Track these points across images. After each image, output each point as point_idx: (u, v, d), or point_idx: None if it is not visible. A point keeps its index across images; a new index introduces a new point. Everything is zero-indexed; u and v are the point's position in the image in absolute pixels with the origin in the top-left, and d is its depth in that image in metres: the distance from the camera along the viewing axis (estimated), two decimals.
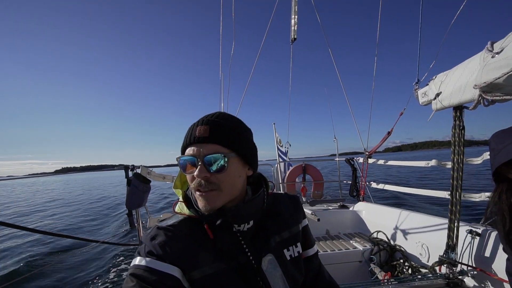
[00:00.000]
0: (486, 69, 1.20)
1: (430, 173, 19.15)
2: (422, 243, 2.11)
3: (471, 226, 1.77)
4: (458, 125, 1.67)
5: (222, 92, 4.21)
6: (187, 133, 0.68)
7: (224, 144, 0.64)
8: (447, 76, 1.64)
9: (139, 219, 2.01)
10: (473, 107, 1.42)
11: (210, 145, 0.63)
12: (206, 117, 0.68)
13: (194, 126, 0.66)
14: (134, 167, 1.97)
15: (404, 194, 9.13)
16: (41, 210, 13.31)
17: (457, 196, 1.69)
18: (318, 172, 4.98)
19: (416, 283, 1.57)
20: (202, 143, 0.63)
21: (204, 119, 0.67)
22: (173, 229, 0.66)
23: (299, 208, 0.87)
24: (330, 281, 0.85)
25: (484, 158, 2.11)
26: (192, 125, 0.68)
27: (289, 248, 0.76)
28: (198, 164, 0.62)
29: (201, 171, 0.62)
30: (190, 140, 0.65)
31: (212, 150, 0.62)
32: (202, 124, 0.65)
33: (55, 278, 4.55)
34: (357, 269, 2.38)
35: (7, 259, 5.49)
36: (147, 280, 0.56)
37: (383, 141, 3.26)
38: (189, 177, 0.65)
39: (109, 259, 5.34)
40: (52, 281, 4.44)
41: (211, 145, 0.63)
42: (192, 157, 0.63)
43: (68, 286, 4.23)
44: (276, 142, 6.20)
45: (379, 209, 2.99)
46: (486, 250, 1.63)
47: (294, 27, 4.25)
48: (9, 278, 4.31)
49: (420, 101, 1.92)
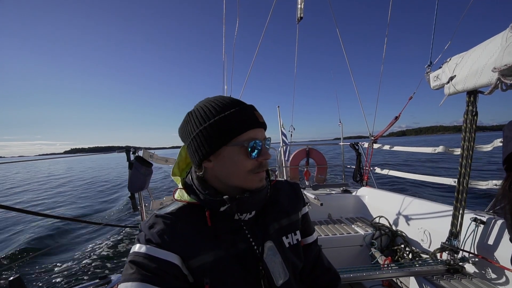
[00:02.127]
0: (509, 50, 1.12)
1: (431, 158, 18.99)
2: (424, 229, 2.11)
3: (476, 214, 1.75)
4: (471, 110, 1.59)
5: (225, 74, 4.10)
6: (241, 116, 0.63)
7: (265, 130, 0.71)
8: (463, 58, 1.55)
9: (142, 202, 2.03)
10: (489, 92, 1.34)
11: (263, 130, 0.69)
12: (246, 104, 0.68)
13: (250, 110, 0.66)
14: (136, 149, 1.96)
15: (404, 180, 9.15)
16: (45, 192, 13.69)
17: (464, 184, 1.65)
18: (322, 156, 4.95)
19: (416, 268, 1.57)
20: (262, 128, 0.67)
21: (249, 105, 0.68)
22: (172, 217, 0.65)
23: (299, 196, 0.86)
24: (329, 268, 0.85)
25: (494, 145, 2.05)
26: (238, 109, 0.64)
27: (288, 235, 0.76)
28: (264, 148, 0.67)
29: (268, 154, 0.67)
30: (254, 123, 0.65)
31: (265, 135, 0.69)
32: (255, 109, 0.68)
33: (57, 260, 4.72)
34: (358, 253, 2.42)
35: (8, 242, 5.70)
36: (147, 267, 0.56)
37: (390, 126, 3.19)
38: (252, 162, 0.65)
39: (112, 241, 5.47)
40: (55, 263, 4.61)
41: (263, 130, 0.69)
42: (260, 141, 0.65)
43: (71, 268, 4.38)
44: (280, 125, 6.13)
45: (382, 195, 2.98)
46: (490, 238, 1.61)
47: (301, 4, 4.03)
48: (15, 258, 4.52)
49: (432, 85, 1.83)
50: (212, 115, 0.63)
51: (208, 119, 0.63)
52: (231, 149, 0.63)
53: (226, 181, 0.66)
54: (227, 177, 0.66)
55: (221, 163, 0.65)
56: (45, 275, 4.15)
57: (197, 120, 0.65)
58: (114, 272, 3.63)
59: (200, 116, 0.64)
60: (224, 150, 0.63)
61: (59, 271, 4.27)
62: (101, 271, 4.24)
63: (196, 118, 0.65)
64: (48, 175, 25.64)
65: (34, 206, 10.06)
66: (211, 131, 0.62)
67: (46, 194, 13.17)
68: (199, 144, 0.64)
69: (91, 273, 4.19)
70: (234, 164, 0.64)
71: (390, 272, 1.56)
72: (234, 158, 0.63)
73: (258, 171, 0.65)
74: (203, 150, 0.64)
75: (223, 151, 0.64)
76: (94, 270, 4.25)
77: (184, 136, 0.68)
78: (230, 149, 0.63)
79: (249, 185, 0.65)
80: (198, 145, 0.64)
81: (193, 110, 0.67)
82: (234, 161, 0.63)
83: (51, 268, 4.39)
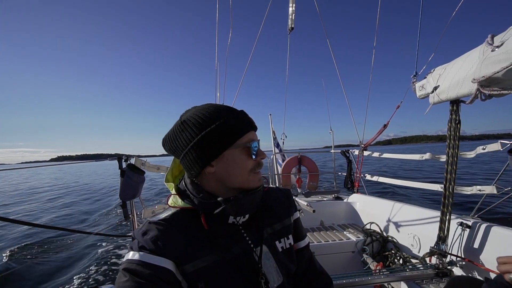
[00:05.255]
0: (486, 63, 1.19)
1: (416, 166, 19.60)
2: (414, 235, 2.15)
3: (461, 218, 1.81)
4: (455, 119, 1.67)
5: (218, 82, 4.14)
6: (240, 121, 0.68)
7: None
8: (445, 69, 1.63)
9: (134, 210, 2.00)
10: (470, 102, 1.42)
11: (255, 132, 0.74)
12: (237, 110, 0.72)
13: (242, 114, 0.70)
14: (127, 157, 1.94)
15: (393, 186, 9.31)
16: (30, 201, 13.17)
17: (450, 189, 1.71)
18: (313, 163, 5.00)
19: (407, 273, 1.60)
20: (255, 130, 0.73)
21: (239, 110, 0.72)
22: (165, 223, 0.65)
23: (291, 201, 0.88)
24: (321, 271, 0.87)
25: (477, 152, 2.14)
26: (234, 115, 0.69)
27: (280, 240, 0.77)
28: (259, 149, 0.72)
29: (264, 154, 0.72)
30: (250, 126, 0.70)
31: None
32: (245, 114, 0.72)
33: (45, 271, 4.50)
34: (350, 259, 2.43)
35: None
36: (140, 274, 0.56)
37: (379, 134, 3.27)
38: (252, 162, 0.69)
39: (102, 251, 5.30)
40: (42, 274, 4.39)
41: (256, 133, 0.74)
42: (256, 142, 0.70)
43: (60, 279, 4.20)
44: (271, 133, 6.18)
45: (373, 201, 3.03)
46: (475, 241, 1.67)
47: (292, 16, 4.16)
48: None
49: (418, 94, 1.91)
50: (210, 121, 0.65)
51: (208, 125, 0.64)
52: (234, 151, 0.66)
53: (228, 183, 0.68)
54: (229, 179, 0.68)
55: (224, 165, 0.67)
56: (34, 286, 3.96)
57: (194, 127, 0.65)
58: (105, 283, 3.50)
59: (197, 123, 0.65)
60: (227, 153, 0.66)
61: (46, 283, 4.08)
62: (91, 282, 4.09)
63: (194, 126, 0.65)
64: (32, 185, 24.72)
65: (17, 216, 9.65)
66: (214, 136, 0.64)
67: (32, 203, 12.67)
68: (202, 151, 0.65)
69: (81, 284, 4.04)
70: (237, 165, 0.67)
71: (382, 277, 1.58)
72: (237, 160, 0.67)
73: (257, 171, 0.70)
74: (207, 155, 0.65)
75: (226, 154, 0.66)
76: (83, 281, 4.09)
77: (178, 146, 0.67)
78: (232, 152, 0.66)
79: (251, 185, 0.69)
80: (201, 152, 0.65)
81: (186, 119, 0.67)
82: (237, 162, 0.67)
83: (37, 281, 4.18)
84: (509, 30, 1.15)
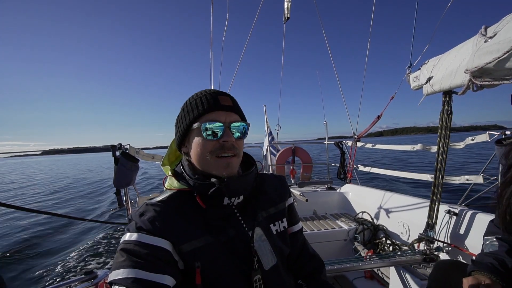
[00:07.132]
0: (478, 53, 1.21)
1: (407, 157, 20.15)
2: (403, 223, 2.22)
3: (449, 206, 1.88)
4: (447, 109, 1.70)
5: (212, 72, 4.07)
6: (203, 100, 0.67)
7: (241, 116, 0.72)
8: (439, 60, 1.65)
9: (128, 198, 1.99)
10: (462, 92, 1.44)
11: (233, 114, 0.69)
12: (217, 90, 0.71)
13: (214, 95, 0.68)
14: (121, 146, 1.91)
15: (385, 176, 9.49)
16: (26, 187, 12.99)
17: (440, 179, 1.76)
18: (307, 154, 5.04)
19: (396, 258, 1.66)
20: (226, 111, 0.68)
21: (218, 91, 0.70)
22: (162, 205, 0.66)
23: (285, 187, 0.90)
24: (314, 255, 0.90)
25: (466, 143, 2.19)
26: (204, 94, 0.69)
27: (275, 223, 0.79)
28: (227, 130, 0.66)
29: (230, 136, 0.66)
30: (214, 106, 0.67)
31: (235, 119, 0.69)
32: (222, 94, 0.69)
33: (41, 257, 4.53)
34: (342, 247, 2.50)
35: None
36: (138, 254, 0.57)
37: (372, 125, 3.31)
38: (211, 143, 0.66)
39: (97, 238, 5.33)
40: (39, 260, 4.42)
41: (233, 114, 0.69)
42: (219, 122, 0.66)
43: (55, 265, 4.23)
44: (265, 124, 6.16)
45: (365, 191, 3.09)
46: (461, 228, 1.74)
47: (288, 5, 4.08)
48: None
49: (412, 85, 1.93)
50: (187, 101, 0.71)
51: (184, 104, 0.71)
52: (194, 131, 0.67)
53: (198, 166, 0.70)
54: (196, 161, 0.70)
55: (190, 146, 0.70)
56: (28, 274, 3.98)
57: (181, 110, 0.72)
58: (99, 268, 3.52)
59: (183, 106, 0.72)
60: (191, 133, 0.69)
61: (43, 269, 4.11)
62: (86, 266, 4.11)
63: (181, 109, 0.73)
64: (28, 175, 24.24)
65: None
66: (181, 116, 0.70)
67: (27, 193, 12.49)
68: (176, 129, 0.72)
69: (76, 270, 4.06)
70: (197, 146, 0.67)
71: (372, 263, 1.63)
72: (196, 140, 0.67)
73: (222, 155, 0.67)
74: (177, 134, 0.72)
75: (190, 134, 0.69)
76: (78, 267, 4.12)
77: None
78: (194, 132, 0.68)
79: (215, 171, 0.67)
80: (176, 131, 0.73)
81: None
82: (197, 143, 0.67)
83: (34, 266, 4.21)
84: (502, 21, 1.17)
